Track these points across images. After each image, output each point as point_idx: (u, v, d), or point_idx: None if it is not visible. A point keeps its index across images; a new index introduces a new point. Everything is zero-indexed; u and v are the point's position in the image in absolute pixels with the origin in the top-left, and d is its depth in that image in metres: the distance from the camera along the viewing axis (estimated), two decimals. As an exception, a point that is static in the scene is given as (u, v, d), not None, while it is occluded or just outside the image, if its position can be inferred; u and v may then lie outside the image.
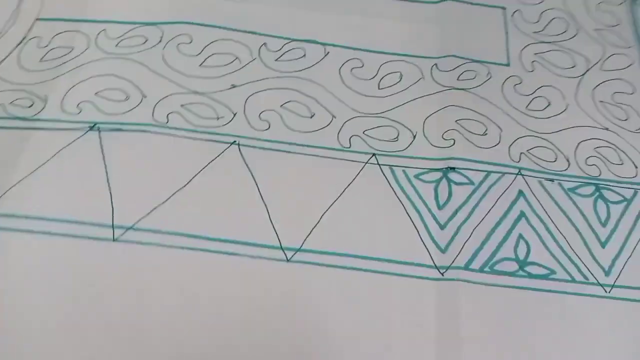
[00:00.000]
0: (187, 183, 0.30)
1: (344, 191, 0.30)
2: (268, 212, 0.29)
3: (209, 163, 0.30)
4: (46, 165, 0.30)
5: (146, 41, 0.35)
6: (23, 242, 0.27)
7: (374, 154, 0.31)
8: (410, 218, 0.30)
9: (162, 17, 0.36)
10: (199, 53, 0.34)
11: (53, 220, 0.28)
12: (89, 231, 0.28)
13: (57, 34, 0.35)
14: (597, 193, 0.32)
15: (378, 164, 0.31)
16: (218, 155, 0.31)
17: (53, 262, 0.27)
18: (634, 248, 0.30)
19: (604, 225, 0.31)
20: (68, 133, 0.31)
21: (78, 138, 0.31)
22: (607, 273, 0.29)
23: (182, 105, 0.32)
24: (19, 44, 0.34)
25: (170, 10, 0.36)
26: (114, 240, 0.28)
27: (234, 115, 0.32)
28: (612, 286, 0.29)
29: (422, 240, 0.29)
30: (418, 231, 0.29)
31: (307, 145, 0.31)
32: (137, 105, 0.32)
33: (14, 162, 0.30)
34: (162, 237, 0.28)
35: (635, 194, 0.32)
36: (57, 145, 0.30)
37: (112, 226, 0.28)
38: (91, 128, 0.31)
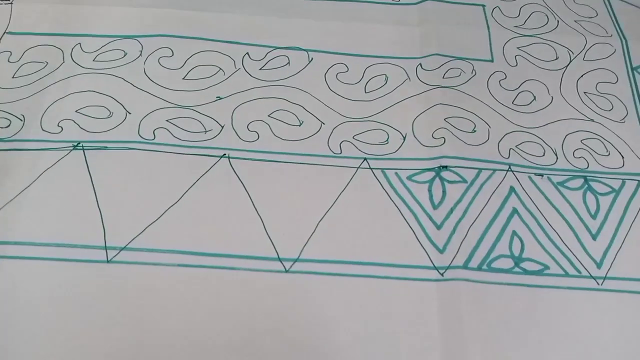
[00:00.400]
0: (179, 199, 0.29)
1: (337, 198, 0.30)
2: (263, 224, 0.29)
3: (199, 178, 0.30)
4: (31, 188, 0.29)
5: (125, 55, 0.34)
6: (13, 269, 0.27)
7: (365, 159, 0.31)
8: (406, 220, 0.30)
9: (140, 30, 0.35)
10: (182, 66, 0.34)
11: (43, 244, 0.28)
12: (81, 254, 0.27)
13: (28, 49, 0.34)
14: (586, 185, 0.32)
15: (370, 168, 0.31)
16: (208, 170, 0.30)
17: (46, 288, 0.27)
18: (624, 239, 0.30)
19: (594, 217, 0.31)
20: (50, 153, 0.30)
21: (62, 158, 0.30)
22: (598, 265, 0.30)
23: (167, 120, 0.32)
24: None
25: (148, 22, 0.35)
26: (107, 261, 0.27)
27: (222, 127, 0.32)
28: (604, 278, 0.29)
29: (419, 242, 0.29)
30: (415, 233, 0.29)
31: (298, 154, 0.31)
32: (121, 122, 0.32)
33: None
34: (158, 255, 0.28)
35: (622, 184, 0.32)
36: (40, 167, 0.30)
37: (105, 247, 0.28)
38: (75, 147, 0.31)
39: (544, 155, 0.33)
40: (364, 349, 0.26)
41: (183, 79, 0.33)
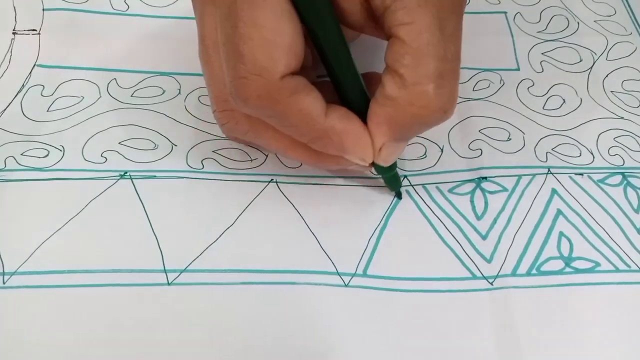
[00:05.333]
0: (234, 221, 0.30)
1: (385, 215, 0.31)
2: (318, 241, 0.30)
3: (252, 201, 0.31)
4: (78, 217, 0.29)
5: (164, 92, 0.35)
6: (68, 298, 0.27)
7: (405, 176, 0.32)
8: (452, 233, 0.30)
9: (176, 67, 0.36)
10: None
11: (97, 271, 0.28)
12: (140, 278, 0.28)
13: (62, 83, 0.35)
14: (625, 181, 0.33)
15: (411, 184, 0.32)
16: (259, 194, 0.31)
17: (104, 314, 0.27)
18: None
19: (637, 211, 0.31)
20: (96, 182, 0.31)
21: (109, 187, 0.30)
22: (646, 258, 0.30)
23: (214, 151, 0.33)
24: (18, 92, 0.34)
25: (182, 59, 0.36)
26: (169, 284, 0.28)
27: (267, 156, 0.32)
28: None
29: (466, 253, 0.30)
30: (461, 245, 0.30)
31: (340, 177, 0.32)
32: (168, 154, 0.32)
33: (36, 215, 0.29)
34: (220, 275, 0.28)
35: (660, 177, 0.32)
36: (87, 195, 0.30)
37: (165, 270, 0.28)
38: (122, 176, 0.31)
39: (580, 155, 0.33)
40: None
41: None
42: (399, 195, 0.31)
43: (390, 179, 0.30)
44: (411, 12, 0.23)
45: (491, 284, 0.29)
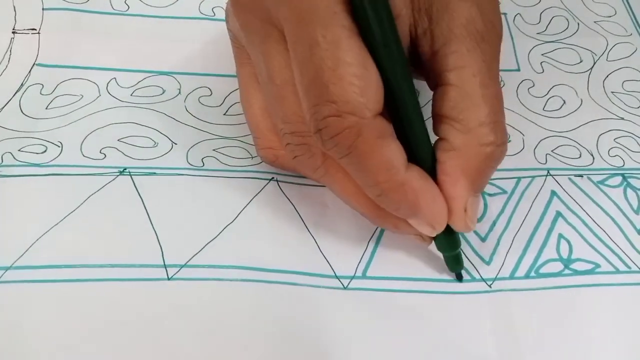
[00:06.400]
0: (235, 218, 0.30)
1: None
2: (317, 243, 0.30)
3: (252, 198, 0.31)
4: (77, 212, 0.29)
5: (164, 92, 0.35)
6: (67, 292, 0.27)
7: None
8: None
9: (176, 66, 0.36)
10: (221, 104, 0.35)
11: (97, 266, 0.28)
12: (140, 273, 0.28)
13: (62, 82, 0.35)
14: (625, 182, 0.33)
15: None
16: (260, 191, 0.31)
17: (105, 309, 0.27)
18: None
19: (637, 212, 0.32)
20: (95, 178, 0.31)
21: (108, 183, 0.30)
22: (646, 259, 0.30)
23: (214, 150, 0.33)
24: (17, 91, 0.34)
25: (183, 58, 0.36)
26: (168, 279, 0.28)
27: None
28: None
29: (465, 255, 0.30)
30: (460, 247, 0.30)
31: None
32: (168, 152, 0.32)
33: (33, 210, 0.29)
34: (220, 271, 0.28)
35: (660, 179, 0.32)
36: (86, 191, 0.30)
37: (165, 265, 0.28)
38: (121, 172, 0.31)
39: (580, 157, 0.33)
40: None
41: (224, 114, 0.34)
42: (459, 277, 0.29)
43: (453, 259, 0.28)
44: (462, 57, 0.24)
45: (490, 286, 0.29)
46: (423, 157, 0.25)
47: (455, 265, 0.28)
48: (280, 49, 0.25)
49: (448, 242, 0.27)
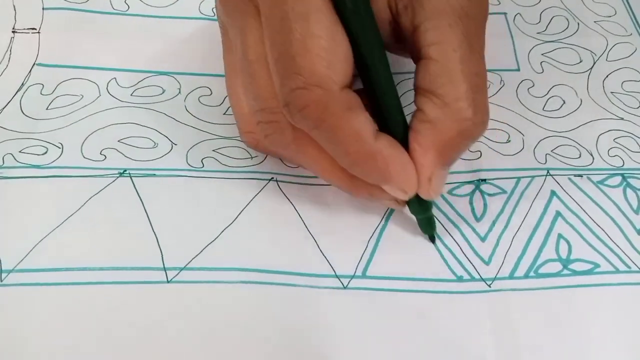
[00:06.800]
0: (235, 219, 0.30)
1: (385, 215, 0.31)
2: (316, 242, 0.30)
3: (252, 199, 0.31)
4: (77, 214, 0.29)
5: (164, 92, 0.35)
6: (66, 295, 0.27)
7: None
8: (450, 234, 0.30)
9: (176, 67, 0.36)
10: (221, 103, 0.35)
11: (97, 269, 0.28)
12: (139, 276, 0.28)
13: (62, 82, 0.35)
14: (625, 182, 0.33)
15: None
16: (259, 192, 0.31)
17: (103, 312, 0.27)
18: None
19: (636, 212, 0.32)
20: (96, 180, 0.31)
21: (109, 184, 0.30)
22: (646, 259, 0.30)
23: (214, 150, 0.33)
24: (18, 91, 0.34)
25: (183, 58, 0.36)
26: (168, 282, 0.28)
27: (267, 154, 0.32)
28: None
29: (465, 255, 0.30)
30: (460, 246, 0.30)
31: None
32: (168, 152, 0.32)
33: (34, 212, 0.29)
34: (219, 273, 0.28)
35: (660, 178, 0.32)
36: (86, 193, 0.30)
37: (164, 268, 0.28)
38: (121, 174, 0.31)
39: (580, 157, 0.33)
40: None
41: (224, 114, 0.34)
42: (432, 239, 0.30)
43: (425, 221, 0.29)
44: (442, 32, 0.24)
45: (489, 286, 0.29)
46: (394, 124, 0.25)
47: (427, 227, 0.29)
48: (257, 25, 0.25)
49: (420, 205, 0.28)
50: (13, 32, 0.37)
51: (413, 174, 0.26)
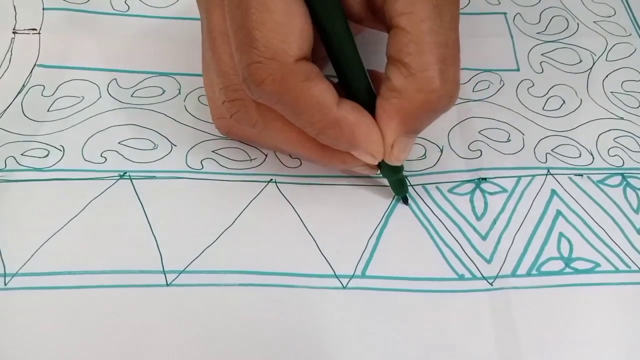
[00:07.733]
0: (234, 222, 0.30)
1: (385, 215, 0.31)
2: (316, 242, 0.29)
3: (251, 201, 0.31)
4: (78, 217, 0.29)
5: (164, 92, 0.35)
6: (67, 299, 0.27)
7: (405, 176, 0.32)
8: (451, 233, 0.30)
9: (176, 67, 0.36)
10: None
11: (97, 272, 0.28)
12: (139, 279, 0.28)
13: (62, 83, 0.35)
14: (625, 182, 0.33)
15: (411, 185, 0.32)
16: (258, 194, 0.31)
17: (105, 316, 0.27)
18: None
19: (636, 212, 0.32)
20: (96, 182, 0.31)
21: (109, 187, 0.30)
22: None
23: (213, 151, 0.33)
24: (19, 93, 0.34)
25: (182, 59, 0.36)
26: (167, 285, 0.28)
27: (266, 156, 0.32)
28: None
29: (466, 253, 0.30)
30: (461, 245, 0.30)
31: (340, 176, 0.32)
32: (168, 154, 0.32)
33: (37, 216, 0.29)
34: (219, 276, 0.28)
35: (659, 178, 0.33)
36: (87, 196, 0.30)
37: (164, 271, 0.28)
38: (121, 176, 0.31)
39: (580, 156, 0.34)
40: None
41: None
42: (405, 201, 0.31)
43: (397, 183, 0.30)
44: (411, 2, 0.24)
45: (491, 284, 0.29)
46: (358, 90, 0.26)
47: (399, 188, 0.30)
48: (221, 2, 0.26)
49: (391, 167, 0.28)
50: (14, 32, 0.37)
51: (379, 137, 0.26)
